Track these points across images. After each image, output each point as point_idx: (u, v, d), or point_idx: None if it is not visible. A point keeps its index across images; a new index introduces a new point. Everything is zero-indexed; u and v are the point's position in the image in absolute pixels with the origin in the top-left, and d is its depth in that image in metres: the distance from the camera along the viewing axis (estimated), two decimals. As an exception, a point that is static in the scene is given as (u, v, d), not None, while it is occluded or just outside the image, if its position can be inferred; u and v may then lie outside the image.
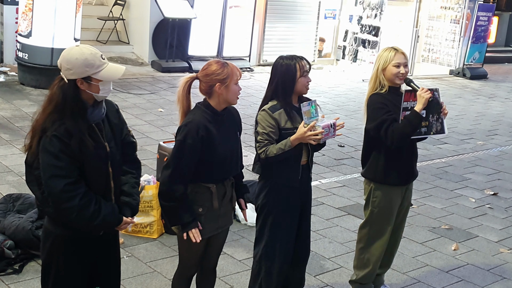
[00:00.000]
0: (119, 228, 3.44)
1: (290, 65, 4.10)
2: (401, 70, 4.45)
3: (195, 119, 3.70)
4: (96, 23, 12.98)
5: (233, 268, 5.17)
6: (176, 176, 3.66)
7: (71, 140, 3.14)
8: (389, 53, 4.47)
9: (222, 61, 3.79)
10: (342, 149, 8.72)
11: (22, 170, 6.48)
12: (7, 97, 9.34)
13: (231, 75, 3.72)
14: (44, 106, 3.23)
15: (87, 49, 3.22)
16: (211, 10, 12.72)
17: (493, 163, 8.93)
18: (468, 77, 15.39)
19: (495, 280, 5.45)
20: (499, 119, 11.81)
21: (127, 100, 9.91)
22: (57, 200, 3.16)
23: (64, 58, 3.20)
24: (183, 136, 3.65)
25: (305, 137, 4.02)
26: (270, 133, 4.09)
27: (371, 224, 4.70)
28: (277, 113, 4.10)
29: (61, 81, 3.21)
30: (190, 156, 3.65)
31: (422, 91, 4.37)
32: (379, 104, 4.46)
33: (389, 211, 4.64)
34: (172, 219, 3.78)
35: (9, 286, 4.57)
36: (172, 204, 3.70)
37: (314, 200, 6.62)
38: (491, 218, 6.84)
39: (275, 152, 4.05)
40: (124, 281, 4.58)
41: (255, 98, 10.80)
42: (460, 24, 15.16)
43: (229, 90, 3.71)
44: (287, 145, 4.04)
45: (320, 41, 15.11)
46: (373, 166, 4.61)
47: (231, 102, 3.79)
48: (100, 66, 3.21)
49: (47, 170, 3.14)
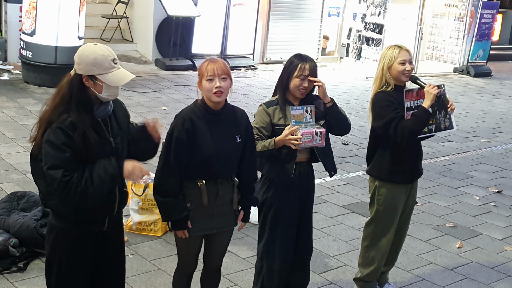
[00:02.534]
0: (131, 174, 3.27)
1: (293, 62, 4.15)
2: (407, 67, 4.44)
3: (183, 112, 3.75)
4: (100, 21, 12.99)
5: (237, 266, 5.17)
6: (166, 169, 3.70)
7: (75, 133, 3.17)
8: (393, 51, 4.46)
9: (209, 59, 3.80)
10: (346, 147, 8.71)
11: (26, 168, 6.51)
12: (11, 96, 9.35)
13: (201, 71, 3.71)
14: (53, 97, 3.28)
15: (101, 50, 3.25)
16: (214, 8, 12.72)
17: (497, 161, 8.92)
18: (472, 75, 15.37)
19: (499, 278, 5.44)
20: (504, 116, 11.79)
21: (131, 98, 9.91)
22: (58, 188, 3.16)
23: (78, 52, 3.27)
24: (171, 129, 3.71)
25: (286, 140, 4.03)
26: (261, 128, 4.14)
27: (376, 222, 4.70)
28: (272, 108, 4.16)
29: (70, 75, 3.27)
30: (177, 149, 3.66)
31: (429, 87, 4.37)
32: (386, 101, 4.45)
33: (394, 209, 4.63)
34: (164, 215, 3.81)
35: (13, 284, 4.58)
36: (164, 200, 3.72)
37: (318, 198, 6.63)
38: (495, 216, 6.83)
39: (260, 149, 4.09)
40: (128, 279, 4.58)
41: (259, 96, 10.80)
42: (464, 21, 15.12)
43: (202, 87, 3.71)
44: (270, 144, 4.07)
45: (324, 39, 15.09)
46: (378, 164, 4.61)
47: (210, 99, 3.71)
48: (108, 69, 3.23)
49: (47, 160, 3.16)
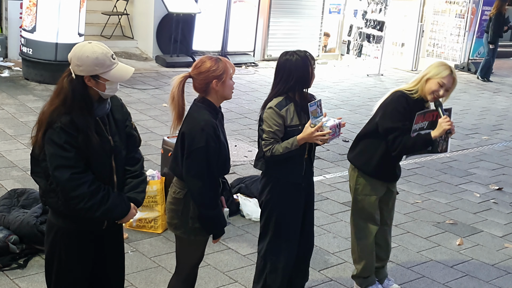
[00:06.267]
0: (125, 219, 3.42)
1: (306, 59, 4.09)
2: (440, 91, 4.40)
3: (206, 120, 3.60)
4: (100, 18, 12.98)
5: (238, 263, 5.18)
6: (210, 184, 3.60)
7: (78, 133, 3.17)
8: (444, 70, 4.41)
9: (214, 57, 3.70)
10: (346, 144, 8.70)
11: (26, 165, 6.51)
12: (11, 92, 9.35)
13: (226, 70, 3.64)
14: (52, 99, 3.26)
15: (99, 48, 3.23)
16: (215, 5, 12.71)
17: (498, 158, 8.91)
18: (473, 72, 15.34)
19: (499, 275, 5.44)
20: (504, 113, 11.78)
21: (131, 95, 9.91)
22: (65, 189, 3.18)
23: (76, 54, 3.21)
24: (205, 141, 3.54)
25: (312, 137, 4.01)
26: (277, 131, 4.07)
27: (357, 213, 4.72)
28: (284, 110, 4.08)
29: (70, 76, 3.24)
30: (216, 158, 3.60)
31: (444, 120, 4.36)
32: (401, 107, 4.42)
33: (373, 199, 4.65)
34: (216, 226, 3.71)
35: (13, 281, 4.59)
36: (215, 212, 3.64)
37: (319, 195, 6.62)
38: (495, 213, 6.83)
39: (282, 151, 4.04)
40: (128, 276, 4.59)
41: (260, 93, 10.80)
42: (465, 18, 15.10)
43: (225, 85, 3.65)
44: (293, 145, 4.03)
45: (324, 36, 15.08)
46: (366, 157, 4.61)
47: (227, 98, 3.72)
48: (110, 66, 3.23)
49: (53, 161, 3.17)
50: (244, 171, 7.15)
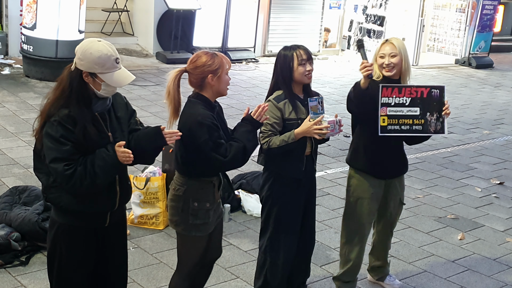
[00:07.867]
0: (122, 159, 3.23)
1: (286, 55, 4.13)
2: (385, 61, 4.44)
3: (202, 113, 3.60)
4: (101, 14, 12.97)
5: (239, 259, 5.18)
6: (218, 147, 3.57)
7: (75, 127, 3.18)
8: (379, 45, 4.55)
9: (210, 52, 3.70)
10: (347, 139, 8.68)
11: (28, 163, 6.52)
12: (12, 90, 9.35)
13: (222, 65, 3.64)
14: (54, 90, 3.29)
15: (105, 48, 3.24)
16: (215, 1, 12.69)
17: (499, 152, 8.91)
18: (473, 66, 15.33)
19: (501, 269, 5.44)
20: (505, 108, 11.76)
21: (132, 91, 9.90)
22: (62, 180, 3.20)
23: (81, 48, 3.25)
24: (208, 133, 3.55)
25: (310, 131, 4.02)
26: (274, 124, 4.09)
27: (348, 216, 4.66)
28: (282, 103, 4.12)
29: (71, 67, 3.27)
30: (218, 130, 3.59)
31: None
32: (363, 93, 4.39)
33: (366, 202, 4.55)
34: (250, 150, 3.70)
35: (15, 278, 4.60)
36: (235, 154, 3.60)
37: (320, 191, 6.62)
38: (497, 207, 6.83)
39: (278, 144, 4.05)
40: (130, 272, 4.58)
41: (260, 89, 10.79)
42: (465, 13, 15.08)
43: (221, 80, 3.65)
44: (290, 138, 4.05)
45: (325, 31, 15.05)
46: (352, 149, 4.61)
47: (223, 93, 3.71)
48: (110, 69, 3.24)
49: (49, 154, 3.19)
50: (245, 167, 7.07)
